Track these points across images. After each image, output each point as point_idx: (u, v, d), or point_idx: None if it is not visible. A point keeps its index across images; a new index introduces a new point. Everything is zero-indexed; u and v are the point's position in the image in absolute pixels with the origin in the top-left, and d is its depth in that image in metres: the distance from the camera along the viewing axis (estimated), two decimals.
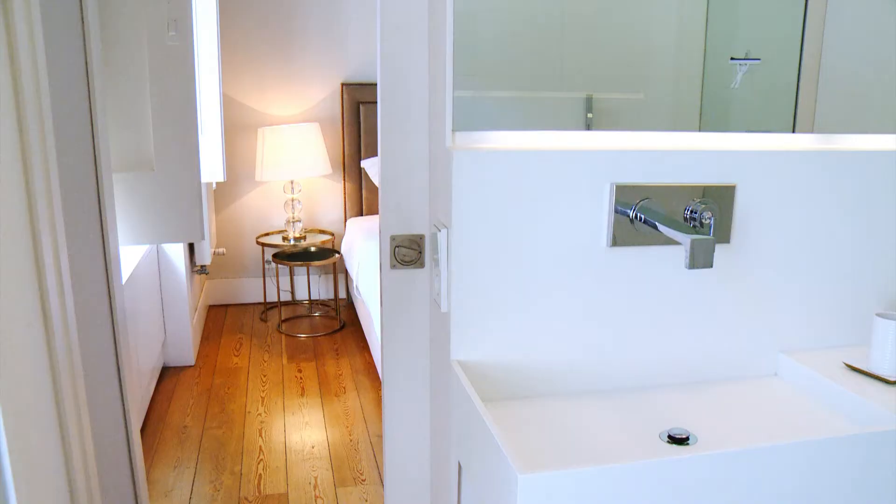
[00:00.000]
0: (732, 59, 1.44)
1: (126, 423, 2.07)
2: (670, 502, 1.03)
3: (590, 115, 1.39)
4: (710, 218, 1.31)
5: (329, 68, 4.77)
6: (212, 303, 4.95)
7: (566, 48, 1.35)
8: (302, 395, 3.60)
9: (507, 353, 1.34)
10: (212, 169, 3.72)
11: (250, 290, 4.98)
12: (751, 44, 1.45)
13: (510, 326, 1.33)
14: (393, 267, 1.48)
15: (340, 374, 3.84)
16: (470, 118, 1.32)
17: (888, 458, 1.14)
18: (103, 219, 1.91)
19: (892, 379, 1.38)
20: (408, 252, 1.47)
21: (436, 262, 1.36)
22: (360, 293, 3.92)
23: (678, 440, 1.21)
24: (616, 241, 1.32)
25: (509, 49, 1.33)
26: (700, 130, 1.44)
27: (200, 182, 2.39)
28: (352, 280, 4.27)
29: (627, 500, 1.01)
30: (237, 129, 4.74)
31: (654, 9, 1.38)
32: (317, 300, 5.04)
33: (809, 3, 1.46)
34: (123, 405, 2.05)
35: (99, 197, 1.90)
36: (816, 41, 1.49)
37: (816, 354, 1.50)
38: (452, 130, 1.30)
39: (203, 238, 2.47)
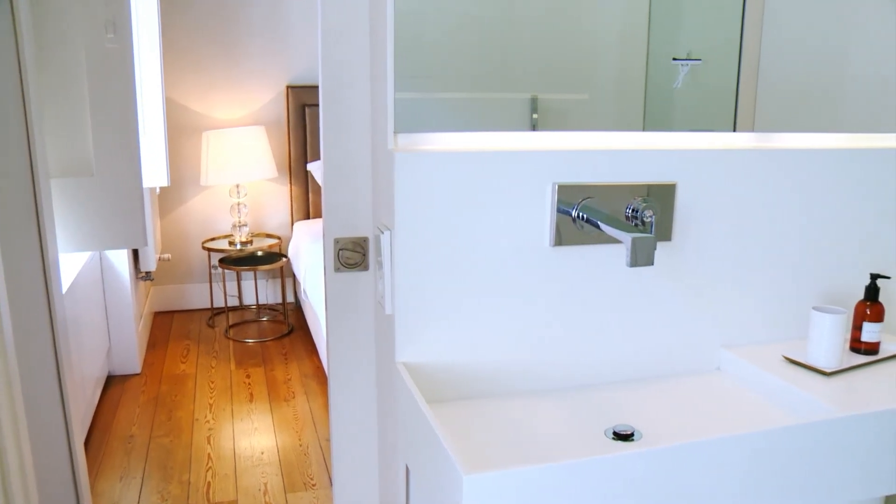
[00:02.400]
0: (674, 59, 1.46)
1: (68, 435, 2.02)
2: (617, 498, 1.04)
3: (535, 116, 1.40)
4: (651, 216, 1.33)
5: (274, 70, 4.73)
6: (158, 309, 4.87)
7: (512, 49, 1.35)
8: (251, 400, 3.56)
9: (453, 354, 1.34)
10: (155, 173, 3.66)
11: (197, 296, 4.91)
12: (692, 44, 1.47)
13: (455, 327, 1.33)
14: (337, 270, 1.47)
15: (289, 379, 3.80)
16: (416, 120, 1.32)
17: (825, 448, 1.16)
18: (41, 226, 1.87)
19: (829, 370, 1.42)
20: (352, 255, 1.47)
21: (380, 264, 1.35)
22: (307, 297, 3.89)
23: (623, 436, 1.22)
24: (559, 240, 1.33)
25: (455, 50, 1.33)
26: (644, 130, 1.46)
27: (142, 187, 2.35)
28: (299, 284, 4.24)
29: (573, 496, 1.02)
30: (181, 132, 4.67)
31: (597, 10, 1.39)
32: (264, 305, 4.99)
33: (747, 4, 1.49)
34: (65, 416, 2.00)
35: (36, 203, 1.85)
36: (755, 42, 1.52)
37: (757, 348, 1.53)
38: (395, 132, 1.30)
39: (146, 244, 2.42)
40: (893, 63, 1.63)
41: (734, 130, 1.53)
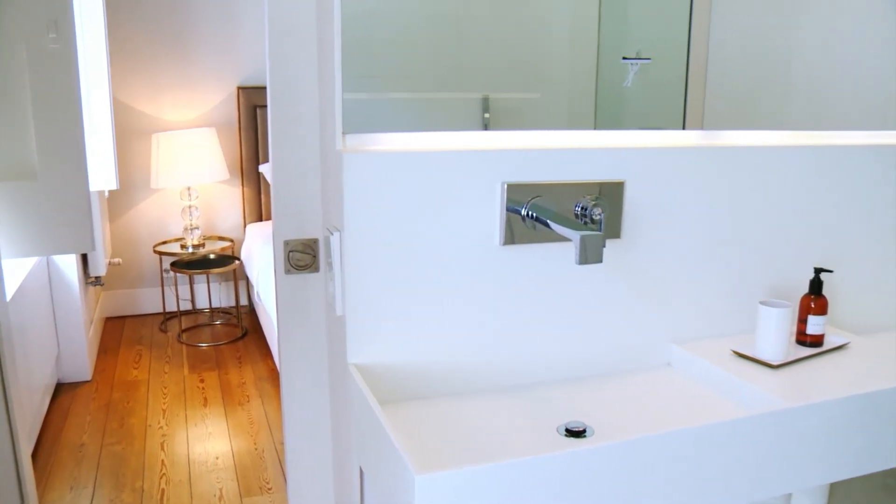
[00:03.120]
0: (624, 58, 1.48)
1: (14, 445, 1.98)
2: (569, 494, 1.05)
3: (487, 116, 1.40)
4: (600, 214, 1.34)
5: (224, 71, 4.68)
6: (109, 315, 4.79)
7: (463, 49, 1.35)
8: (205, 405, 3.51)
9: (405, 355, 1.33)
10: (103, 176, 3.59)
11: (149, 301, 4.83)
12: (641, 44, 1.48)
13: (407, 327, 1.32)
14: (287, 272, 1.46)
15: (244, 383, 3.76)
16: (367, 120, 1.31)
17: (771, 439, 1.18)
18: None
19: (776, 363, 1.44)
20: (302, 256, 1.45)
21: (330, 265, 1.34)
22: (261, 299, 3.85)
23: (575, 433, 1.23)
24: (509, 239, 1.33)
25: (407, 51, 1.32)
26: (595, 128, 1.47)
27: (89, 190, 2.30)
28: (252, 286, 4.19)
29: (526, 494, 1.02)
30: (130, 134, 4.59)
31: (548, 10, 1.39)
32: (218, 308, 4.94)
33: (695, 3, 1.51)
34: (10, 425, 1.95)
35: None
36: (703, 41, 1.54)
37: (707, 343, 1.55)
38: (343, 133, 1.29)
39: (94, 249, 2.38)
40: (836, 61, 1.66)
41: (683, 128, 1.55)
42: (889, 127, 1.76)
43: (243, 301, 4.98)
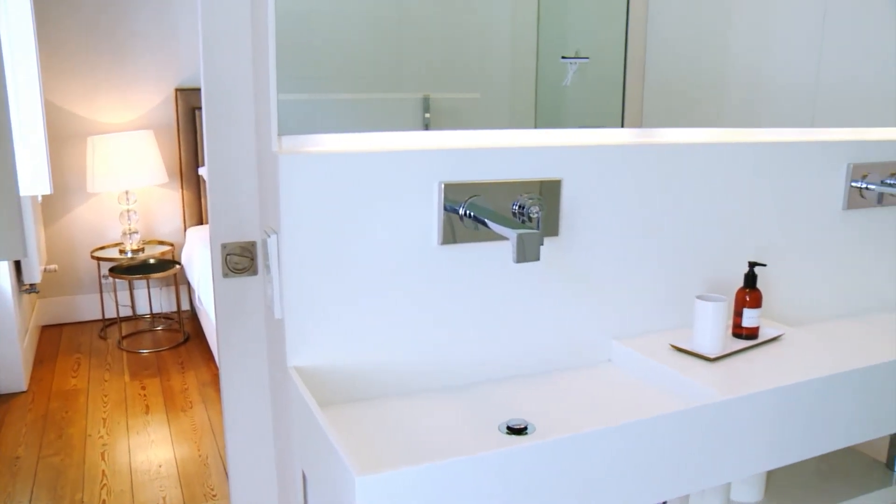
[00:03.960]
0: (563, 58, 1.49)
1: None
2: (511, 491, 1.05)
3: (428, 116, 1.40)
4: (537, 212, 1.35)
5: (162, 73, 4.60)
6: (45, 323, 4.67)
7: (403, 49, 1.35)
8: (147, 413, 3.45)
9: (346, 356, 1.33)
10: (35, 181, 3.50)
11: (87, 308, 4.73)
12: (580, 43, 1.49)
13: (347, 329, 1.31)
14: (225, 275, 1.44)
15: (186, 389, 3.71)
16: (306, 122, 1.30)
17: (709, 430, 1.20)
18: None
19: (713, 356, 1.47)
20: (240, 259, 1.44)
21: (268, 268, 1.33)
22: (202, 304, 3.80)
23: (516, 430, 1.24)
24: (447, 239, 1.33)
25: (346, 51, 1.31)
26: (536, 127, 1.47)
27: (19, 195, 2.24)
28: (194, 291, 4.13)
29: (468, 492, 1.02)
30: (64, 137, 4.49)
31: (488, 9, 1.40)
32: (159, 314, 4.85)
33: (631, 3, 1.53)
34: None
35: None
36: (640, 39, 1.56)
37: (646, 338, 1.57)
38: (279, 135, 1.27)
39: (26, 255, 2.32)
40: (773, 58, 1.70)
41: (622, 126, 1.57)
42: (818, 124, 1.81)
43: (185, 306, 4.91)
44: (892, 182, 1.86)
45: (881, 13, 1.84)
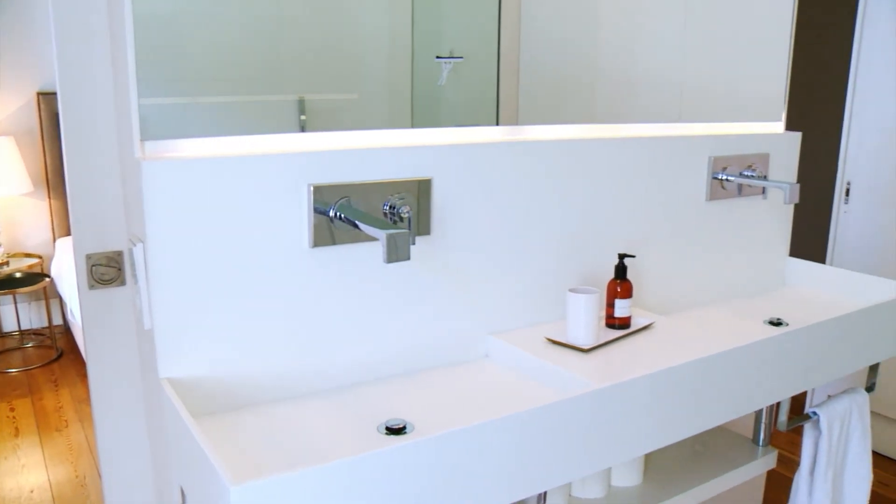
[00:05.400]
0: (438, 57, 1.49)
1: None
2: (392, 491, 1.05)
3: (304, 118, 1.38)
4: (408, 212, 1.35)
5: (21, 76, 4.38)
6: None
7: (278, 50, 1.33)
8: (16, 435, 3.28)
9: (221, 365, 1.30)
10: None
11: None
12: (454, 43, 1.51)
13: (220, 337, 1.29)
14: (91, 287, 1.38)
15: (61, 407, 3.55)
16: (176, 126, 1.26)
17: (585, 419, 1.23)
18: None
19: (587, 347, 1.51)
20: (106, 270, 1.38)
21: (136, 278, 1.28)
22: (75, 318, 3.64)
23: (395, 430, 1.24)
24: (318, 241, 1.32)
25: (217, 53, 1.28)
26: (413, 127, 1.48)
27: None
28: (66, 304, 3.96)
29: (347, 495, 1.02)
30: None
31: (362, 9, 1.39)
32: (28, 330, 4.62)
33: (504, 2, 1.55)
34: None
35: None
36: (514, 38, 1.58)
37: (523, 332, 1.60)
38: (141, 140, 1.23)
39: None
40: (641, 56, 1.76)
41: (497, 124, 1.59)
42: (684, 119, 1.89)
43: (57, 321, 4.69)
44: (749, 174, 1.96)
45: (736, 14, 1.93)
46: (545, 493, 1.34)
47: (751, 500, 2.40)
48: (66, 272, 3.93)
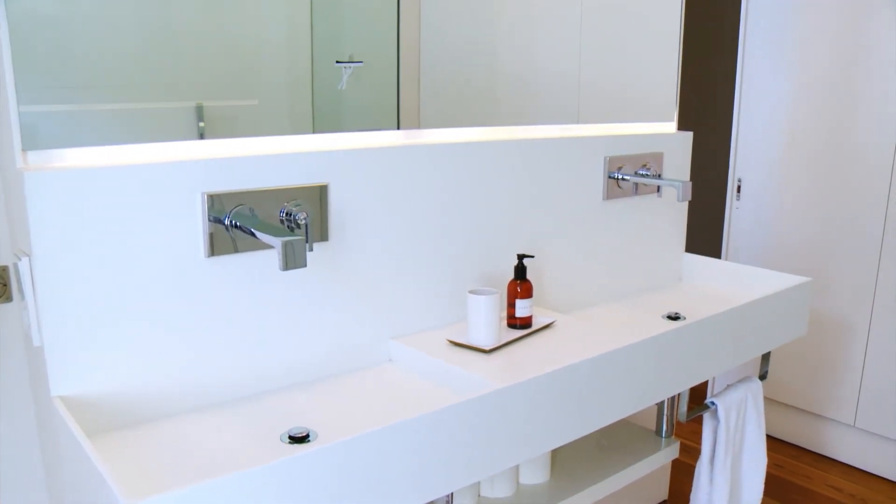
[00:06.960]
0: (338, 62, 1.49)
1: None
2: (296, 500, 1.04)
3: (202, 125, 1.36)
4: (304, 218, 1.34)
5: None
6: None
7: (174, 57, 1.30)
8: None
9: (117, 380, 1.26)
10: None
11: None
12: (354, 47, 1.50)
13: (116, 351, 1.25)
14: None
15: None
16: (69, 135, 1.22)
17: (489, 419, 1.25)
18: None
19: (488, 348, 1.53)
20: None
21: (23, 293, 1.24)
22: None
23: (298, 439, 1.23)
24: (215, 250, 1.30)
25: (111, 58, 1.24)
26: (314, 132, 1.47)
27: None
28: None
29: None
30: None
31: (261, 15, 1.37)
32: None
33: (402, 7, 1.56)
34: None
35: None
36: (414, 43, 1.59)
37: (425, 335, 1.60)
38: (23, 150, 1.19)
39: None
40: (539, 59, 1.79)
41: (398, 129, 1.59)
42: (583, 120, 1.93)
43: None
44: (644, 172, 2.02)
45: (629, 17, 1.99)
46: (452, 494, 1.35)
47: (657, 489, 2.47)
48: None
